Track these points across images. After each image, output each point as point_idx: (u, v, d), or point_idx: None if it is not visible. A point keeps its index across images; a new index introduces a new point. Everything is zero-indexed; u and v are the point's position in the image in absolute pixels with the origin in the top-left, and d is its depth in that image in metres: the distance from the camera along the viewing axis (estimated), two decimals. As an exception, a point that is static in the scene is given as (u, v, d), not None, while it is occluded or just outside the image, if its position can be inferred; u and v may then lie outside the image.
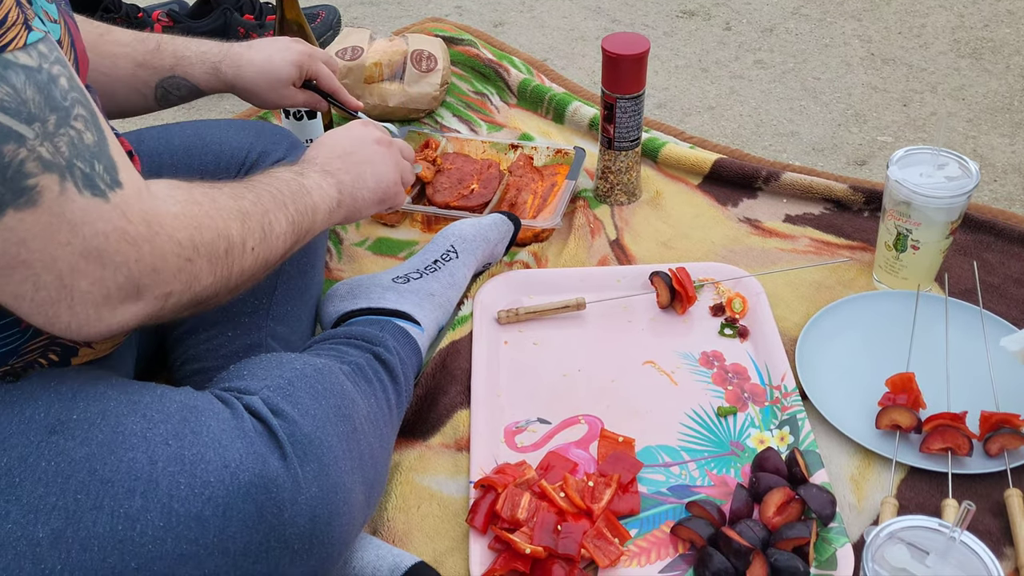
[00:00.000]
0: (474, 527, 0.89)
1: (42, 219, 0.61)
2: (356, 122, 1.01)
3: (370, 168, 0.96)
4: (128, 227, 0.64)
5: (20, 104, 0.60)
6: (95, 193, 0.63)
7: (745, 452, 0.98)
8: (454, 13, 2.07)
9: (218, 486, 0.69)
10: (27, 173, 0.60)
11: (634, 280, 1.20)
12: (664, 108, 1.70)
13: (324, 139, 0.97)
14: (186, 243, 0.68)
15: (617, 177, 1.34)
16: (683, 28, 1.97)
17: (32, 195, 0.60)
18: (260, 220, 0.77)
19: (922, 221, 1.10)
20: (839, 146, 1.58)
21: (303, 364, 0.82)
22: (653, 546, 0.89)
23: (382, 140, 0.99)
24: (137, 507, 0.66)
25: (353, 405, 0.83)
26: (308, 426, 0.75)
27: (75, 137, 0.63)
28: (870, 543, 0.72)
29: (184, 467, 0.68)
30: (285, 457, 0.72)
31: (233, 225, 0.73)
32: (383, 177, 0.97)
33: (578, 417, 1.03)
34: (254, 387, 0.78)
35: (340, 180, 0.91)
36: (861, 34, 1.92)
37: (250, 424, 0.73)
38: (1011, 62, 1.79)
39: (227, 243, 0.72)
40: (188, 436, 0.70)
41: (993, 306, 1.14)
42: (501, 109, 1.61)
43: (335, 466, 0.76)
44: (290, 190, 0.83)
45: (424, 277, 1.13)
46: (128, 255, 0.64)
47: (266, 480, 0.70)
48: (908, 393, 0.99)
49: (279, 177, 0.85)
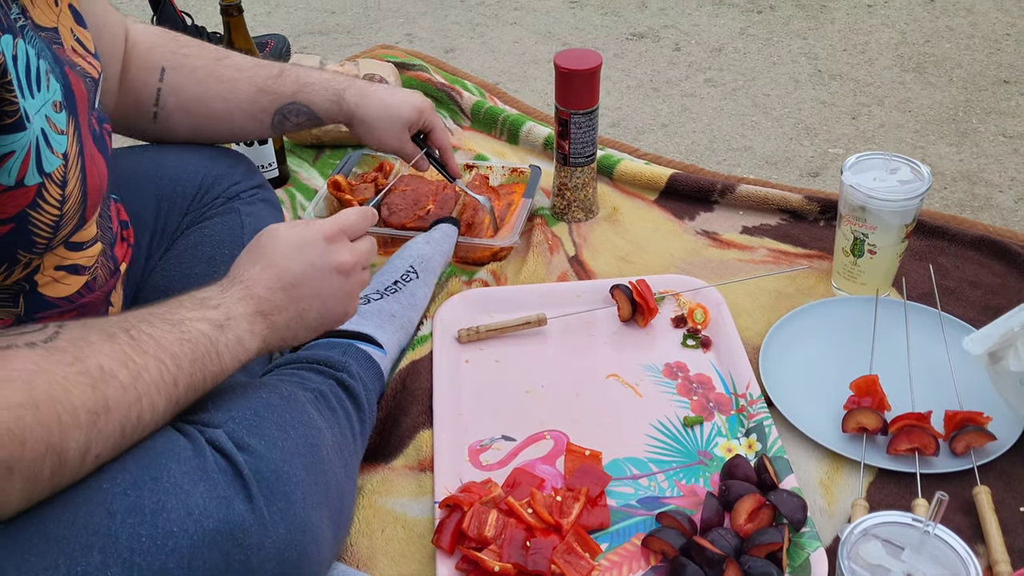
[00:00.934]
0: (440, 547, 0.86)
1: None
2: (321, 233, 0.83)
3: (317, 304, 0.81)
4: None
5: None
6: None
7: (713, 461, 0.97)
8: (404, 40, 2.07)
9: (182, 536, 0.64)
10: None
11: (595, 295, 1.19)
12: (618, 127, 1.71)
13: (273, 252, 0.80)
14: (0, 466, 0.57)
15: (574, 194, 1.34)
16: (633, 50, 1.99)
17: None
18: (123, 415, 0.64)
19: (878, 225, 1.11)
20: (792, 159, 1.60)
21: (268, 393, 0.78)
22: (625, 559, 0.87)
23: (343, 267, 0.83)
24: (96, 564, 0.61)
25: (320, 435, 0.79)
26: (275, 460, 0.71)
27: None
28: (844, 540, 0.71)
29: (144, 518, 0.63)
30: (251, 498, 0.68)
31: (75, 435, 0.61)
32: (328, 312, 0.83)
33: (543, 433, 1.01)
34: (218, 419, 0.72)
35: (273, 323, 0.78)
36: (807, 52, 1.95)
37: (213, 463, 0.68)
38: (953, 75, 1.83)
39: (57, 460, 0.60)
40: (147, 484, 0.65)
41: (951, 308, 1.15)
42: (455, 132, 1.61)
43: (302, 503, 0.72)
44: (192, 358, 0.70)
45: (385, 298, 1.11)
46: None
47: (231, 526, 0.66)
48: (872, 396, 0.99)
49: (188, 330, 0.71)
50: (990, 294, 1.18)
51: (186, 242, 1.05)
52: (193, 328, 0.72)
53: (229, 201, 1.08)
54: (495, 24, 2.12)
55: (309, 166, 1.53)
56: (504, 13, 2.16)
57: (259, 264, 0.80)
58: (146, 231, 1.03)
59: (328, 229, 0.83)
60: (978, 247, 1.26)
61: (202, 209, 1.06)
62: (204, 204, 1.07)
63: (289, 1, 2.25)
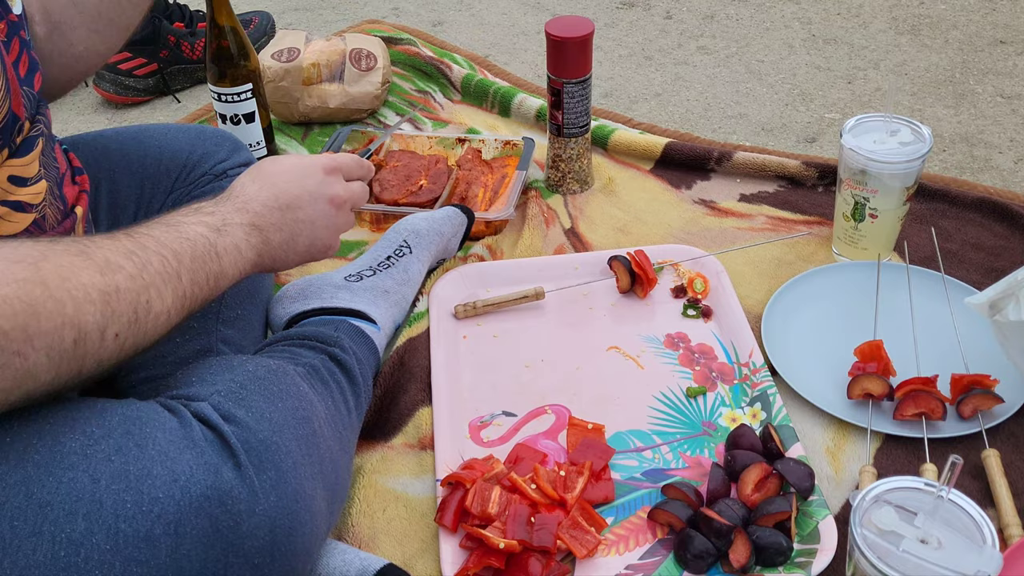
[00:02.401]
0: (443, 526, 0.85)
1: None
2: (320, 165, 0.88)
3: (308, 230, 0.85)
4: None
5: None
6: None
7: (718, 431, 0.95)
8: (391, 15, 2.03)
9: (167, 502, 0.63)
10: None
11: (592, 266, 1.17)
12: (610, 97, 1.68)
13: (274, 174, 0.84)
14: (15, 333, 0.58)
15: (568, 165, 1.32)
16: (624, 19, 1.96)
17: None
18: (133, 300, 0.66)
19: (879, 188, 1.09)
20: (788, 125, 1.57)
21: (255, 366, 0.77)
22: (631, 533, 0.86)
23: (336, 199, 0.88)
24: (80, 530, 0.60)
25: (311, 407, 0.78)
26: (264, 431, 0.70)
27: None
28: (856, 507, 0.69)
29: (130, 484, 0.62)
30: (239, 466, 0.67)
31: (89, 310, 0.63)
32: (317, 240, 0.87)
33: (544, 407, 0.99)
34: (203, 393, 0.72)
35: (267, 239, 0.81)
36: (801, 17, 1.92)
37: (199, 432, 0.67)
38: (949, 36, 1.80)
39: (76, 333, 0.62)
40: (132, 450, 0.64)
41: (954, 271, 1.13)
42: (445, 106, 1.58)
43: (294, 472, 0.70)
44: (192, 255, 0.72)
45: (378, 274, 1.09)
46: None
47: (220, 492, 0.65)
48: (877, 361, 0.98)
49: (186, 234, 0.73)
50: (993, 256, 1.17)
51: None
52: (191, 230, 0.74)
53: (216, 179, 1.05)
54: (483, -4, 2.08)
55: (298, 144, 1.50)
56: (492, -15, 2.12)
57: (258, 183, 0.83)
58: (130, 210, 1.01)
59: (326, 163, 0.89)
60: (979, 209, 1.24)
61: (188, 187, 1.04)
62: (190, 182, 1.04)
63: (273, -22, 2.21)
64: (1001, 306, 0.87)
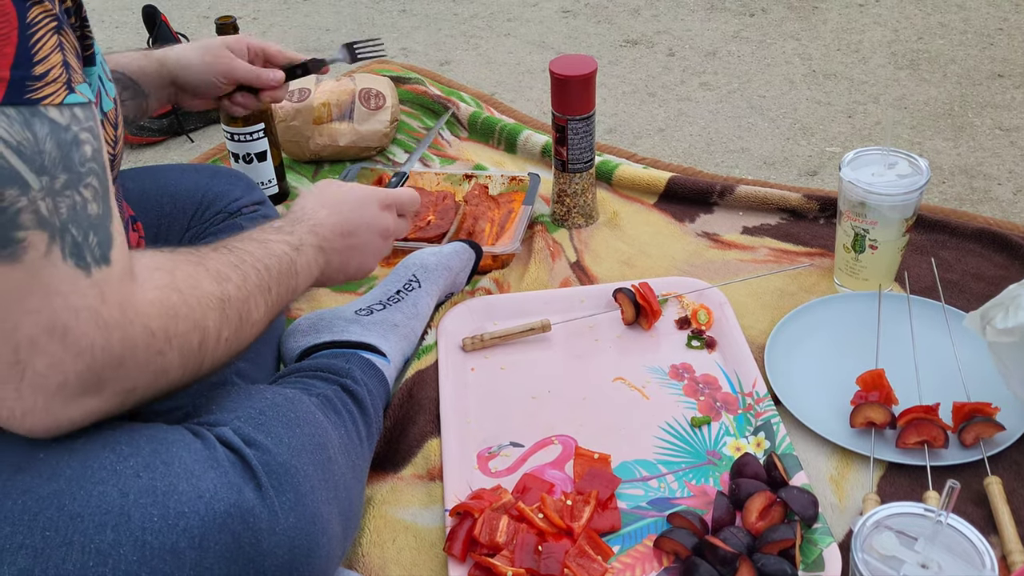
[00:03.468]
0: (452, 555, 0.86)
1: (17, 277, 0.58)
2: (377, 199, 0.95)
3: (359, 258, 0.93)
4: (102, 309, 0.61)
5: (36, 153, 0.58)
6: (79, 264, 0.60)
7: (722, 460, 0.97)
8: (399, 55, 2.08)
9: (192, 517, 0.65)
10: (19, 224, 0.58)
11: (598, 299, 1.19)
12: (614, 133, 1.71)
13: (340, 202, 0.91)
14: (160, 334, 0.65)
15: (573, 200, 1.34)
16: (627, 56, 2.00)
17: (16, 249, 0.58)
18: (240, 307, 0.74)
19: (878, 220, 1.11)
20: (789, 159, 1.60)
21: (273, 394, 0.80)
22: (637, 561, 0.87)
23: (386, 232, 0.96)
24: (109, 541, 0.63)
25: (326, 435, 0.80)
26: (283, 455, 0.73)
27: (79, 203, 0.61)
28: (857, 532, 0.71)
29: (157, 498, 0.65)
30: (260, 487, 0.70)
31: (211, 316, 0.70)
32: (363, 265, 0.95)
33: (551, 438, 1.01)
34: (224, 419, 0.75)
35: (328, 260, 0.89)
36: (801, 53, 1.96)
37: (223, 454, 0.70)
38: (948, 70, 1.84)
39: (202, 335, 0.69)
40: (159, 467, 0.67)
41: (954, 301, 1.15)
42: (453, 143, 1.61)
43: (311, 495, 0.73)
44: (279, 269, 0.80)
45: (387, 308, 1.11)
46: (94, 340, 0.60)
47: (242, 510, 0.67)
48: (880, 390, 0.99)
49: (273, 249, 0.81)
50: (993, 286, 1.18)
51: None
52: (276, 247, 0.82)
53: (231, 217, 1.08)
54: (489, 35, 2.13)
55: (309, 181, 1.53)
56: (497, 24, 2.17)
57: (327, 209, 0.90)
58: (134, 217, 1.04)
59: (383, 197, 0.96)
60: (979, 240, 1.26)
61: (204, 225, 1.07)
62: (205, 220, 1.07)
63: (284, 20, 2.27)
64: (991, 316, 0.89)
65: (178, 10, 2.35)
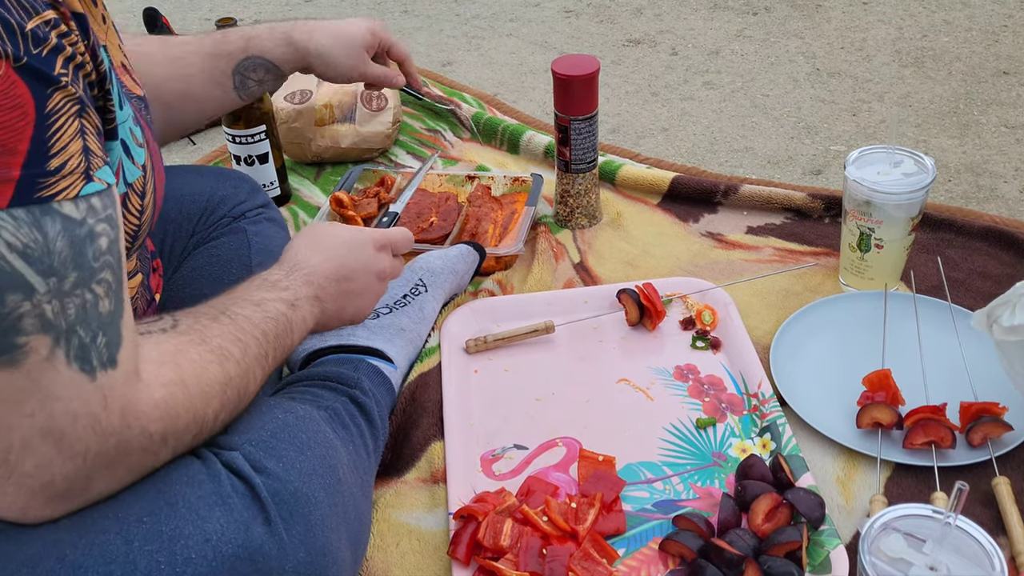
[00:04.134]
0: (456, 559, 0.85)
1: (16, 382, 0.56)
2: (372, 240, 0.94)
3: (356, 303, 0.92)
4: (102, 415, 0.60)
5: (44, 254, 0.56)
6: (83, 368, 0.58)
7: (728, 462, 0.96)
8: (402, 56, 2.07)
9: (200, 563, 0.63)
10: (21, 330, 0.56)
11: (601, 300, 1.18)
12: (617, 133, 1.70)
13: (333, 247, 0.90)
14: (157, 436, 0.64)
15: (576, 200, 1.34)
16: (630, 56, 1.99)
17: (16, 355, 0.56)
18: (240, 385, 0.73)
19: (884, 219, 1.10)
20: (794, 158, 1.59)
21: (284, 413, 0.78)
22: (643, 564, 0.86)
23: (382, 274, 0.95)
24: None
25: (336, 455, 0.79)
26: (294, 482, 0.71)
27: (89, 302, 0.59)
28: (865, 535, 0.70)
29: (162, 544, 0.63)
30: (269, 521, 0.68)
31: (213, 404, 0.69)
32: (360, 311, 0.94)
33: (555, 440, 1.00)
34: (234, 442, 0.72)
35: (324, 309, 0.88)
36: (805, 51, 1.95)
37: (229, 487, 0.68)
38: (952, 68, 1.83)
39: (199, 427, 0.69)
40: (163, 509, 0.65)
41: (961, 300, 1.14)
42: (455, 144, 1.60)
43: (322, 525, 0.71)
44: (276, 332, 0.79)
45: (394, 312, 1.10)
46: (89, 445, 0.59)
47: (250, 550, 0.66)
48: (886, 390, 0.98)
49: (270, 313, 0.80)
50: (999, 284, 1.17)
51: (193, 262, 1.05)
52: (272, 308, 0.80)
53: (235, 220, 1.08)
54: (491, 36, 2.12)
55: (311, 184, 1.53)
56: (499, 25, 2.16)
57: (321, 255, 0.89)
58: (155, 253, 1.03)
59: (379, 238, 0.95)
60: (986, 238, 1.25)
61: (208, 229, 1.06)
62: (210, 224, 1.06)
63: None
64: (997, 314, 0.88)
65: (179, 12, 2.35)
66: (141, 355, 0.65)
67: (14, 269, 0.55)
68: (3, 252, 0.54)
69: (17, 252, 0.55)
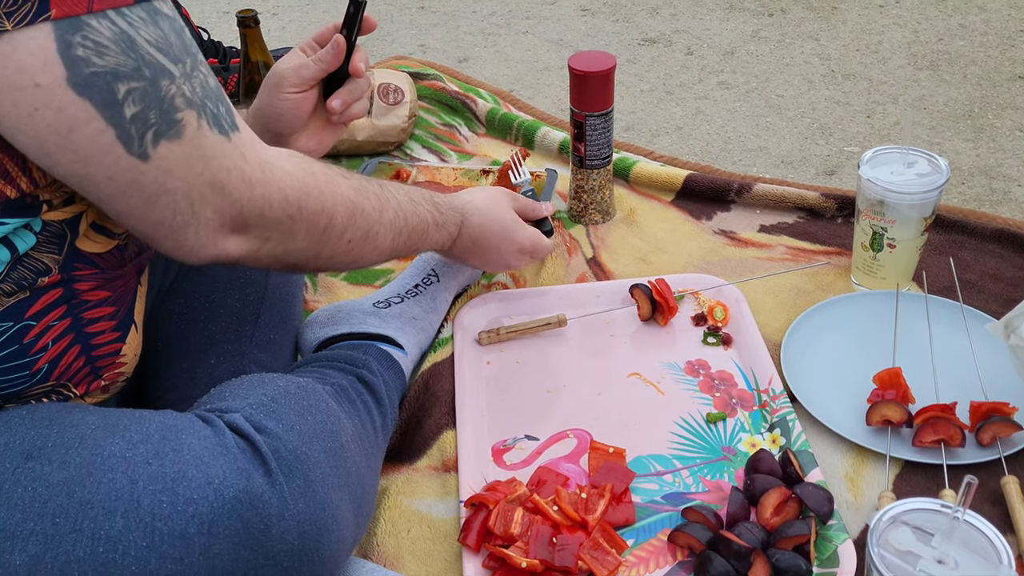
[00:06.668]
0: (467, 546, 0.86)
1: (185, 150, 0.67)
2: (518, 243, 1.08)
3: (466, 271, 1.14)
4: (246, 167, 0.71)
5: (168, 45, 0.65)
6: (221, 132, 0.69)
7: (737, 456, 0.97)
8: (418, 51, 2.08)
9: (202, 503, 0.66)
10: (176, 107, 0.66)
11: (614, 295, 1.19)
12: (632, 131, 1.71)
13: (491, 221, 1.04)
14: (292, 200, 0.75)
15: (590, 196, 1.34)
16: (645, 55, 2.00)
17: (179, 127, 0.66)
18: (368, 225, 0.84)
19: (897, 219, 1.10)
20: (807, 158, 1.59)
21: (285, 382, 0.80)
22: (651, 555, 0.87)
23: (523, 252, 1.09)
24: (119, 528, 0.64)
25: (339, 423, 0.81)
26: (293, 441, 0.73)
27: (204, 80, 0.68)
28: (874, 527, 0.70)
29: (166, 485, 0.66)
30: (270, 473, 0.70)
31: (340, 211, 0.80)
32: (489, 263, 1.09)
33: (566, 432, 1.01)
34: (235, 406, 0.75)
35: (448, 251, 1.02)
36: (820, 53, 1.95)
37: (232, 441, 0.71)
38: (968, 72, 1.83)
39: (328, 221, 0.79)
40: (169, 454, 0.68)
41: (972, 301, 1.14)
42: (470, 139, 1.61)
43: (321, 482, 0.73)
44: (413, 227, 0.91)
45: (405, 301, 1.11)
46: (242, 192, 0.71)
47: (251, 496, 0.68)
48: (896, 388, 0.99)
49: (419, 212, 0.93)
50: (1012, 287, 1.18)
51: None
52: (422, 211, 0.94)
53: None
54: (507, 33, 2.13)
55: (326, 175, 1.54)
56: (516, 22, 2.17)
57: (482, 225, 1.03)
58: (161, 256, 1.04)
59: (526, 246, 1.09)
60: (998, 240, 1.25)
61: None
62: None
63: (303, 15, 2.28)
64: (1015, 325, 0.89)
65: (198, 4, 2.37)
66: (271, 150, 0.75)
67: (157, 60, 0.65)
68: (148, 47, 0.64)
69: (153, 45, 0.65)
